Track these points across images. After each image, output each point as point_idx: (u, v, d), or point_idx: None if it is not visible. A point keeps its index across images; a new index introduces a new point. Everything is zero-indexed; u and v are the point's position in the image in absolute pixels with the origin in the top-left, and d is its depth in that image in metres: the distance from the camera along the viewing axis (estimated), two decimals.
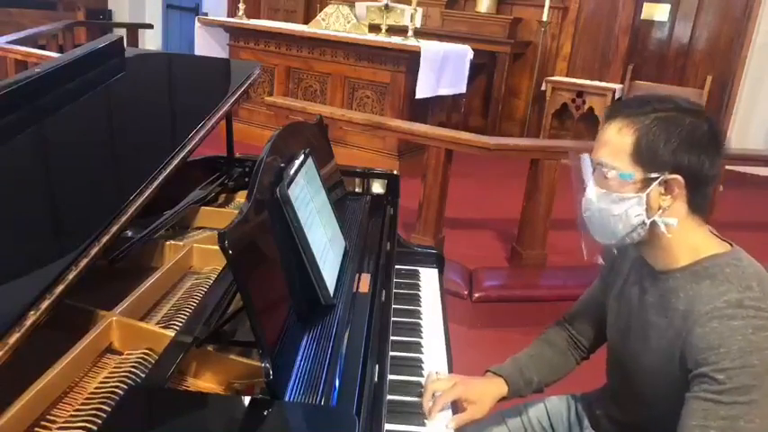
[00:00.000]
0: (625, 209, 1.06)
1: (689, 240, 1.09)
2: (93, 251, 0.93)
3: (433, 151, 3.17)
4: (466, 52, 4.85)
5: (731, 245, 1.11)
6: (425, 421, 1.19)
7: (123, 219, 1.03)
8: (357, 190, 1.83)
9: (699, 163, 1.02)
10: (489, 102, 6.11)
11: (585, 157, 1.13)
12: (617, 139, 1.06)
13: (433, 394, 1.22)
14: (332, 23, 5.07)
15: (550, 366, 1.37)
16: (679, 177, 1.03)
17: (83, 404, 0.86)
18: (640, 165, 1.04)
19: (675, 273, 1.10)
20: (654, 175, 1.03)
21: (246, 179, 1.73)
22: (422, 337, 1.46)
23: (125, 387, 0.89)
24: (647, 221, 1.06)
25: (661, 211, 1.05)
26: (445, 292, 1.72)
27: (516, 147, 3.36)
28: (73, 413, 0.85)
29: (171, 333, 0.99)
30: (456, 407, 1.24)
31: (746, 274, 1.04)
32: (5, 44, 4.77)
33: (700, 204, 1.07)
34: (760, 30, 5.29)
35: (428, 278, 1.76)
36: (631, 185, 1.05)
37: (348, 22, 5.01)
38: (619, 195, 1.06)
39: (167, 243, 1.33)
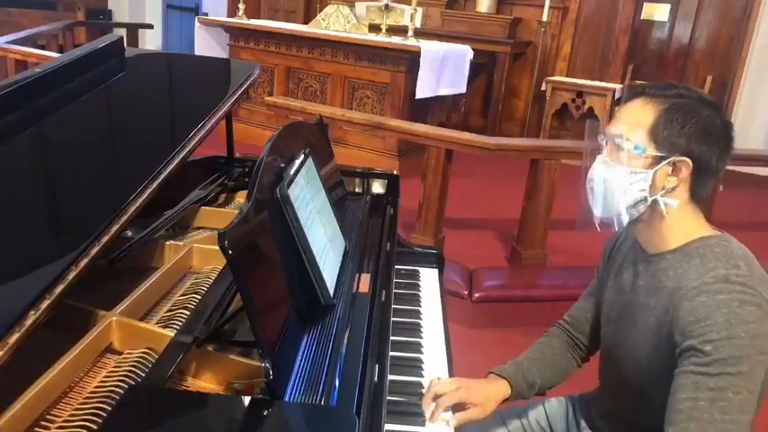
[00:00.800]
0: (630, 182, 1.09)
1: (683, 225, 1.12)
2: (93, 251, 0.93)
3: (433, 151, 3.17)
4: (466, 52, 4.85)
5: (722, 232, 1.14)
6: (425, 420, 1.19)
7: (123, 219, 1.03)
8: (357, 190, 1.83)
9: (709, 153, 1.06)
10: (489, 102, 6.11)
11: (600, 127, 1.17)
12: (639, 114, 1.10)
13: (435, 397, 1.22)
14: (332, 23, 5.07)
15: (552, 368, 1.38)
16: (688, 160, 1.06)
17: (82, 404, 0.86)
18: (655, 142, 1.07)
19: (666, 254, 1.13)
20: (665, 153, 1.07)
21: (246, 179, 1.73)
22: (422, 337, 1.46)
23: (125, 387, 0.89)
24: (650, 199, 1.09)
25: (664, 190, 1.08)
26: (445, 292, 1.72)
27: (516, 147, 3.36)
28: (72, 413, 0.85)
29: (171, 333, 0.99)
30: (457, 408, 1.23)
31: (735, 254, 1.07)
32: (5, 44, 4.77)
33: (700, 194, 1.11)
34: (760, 30, 5.29)
35: (428, 278, 1.76)
36: (642, 160, 1.08)
37: (348, 22, 5.01)
38: (627, 168, 1.09)
39: (167, 243, 1.33)
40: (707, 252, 1.08)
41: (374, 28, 4.95)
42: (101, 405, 0.85)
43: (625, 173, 1.09)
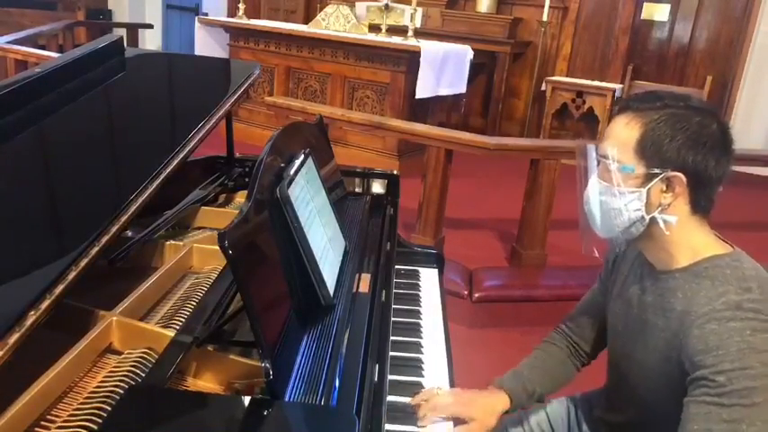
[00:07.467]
0: (624, 203, 1.06)
1: (689, 241, 1.08)
2: (94, 251, 0.93)
3: (433, 151, 3.17)
4: (466, 52, 4.85)
5: (732, 247, 1.10)
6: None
7: (123, 219, 1.03)
8: (357, 190, 1.82)
9: (703, 162, 1.02)
10: (489, 102, 6.11)
11: (591, 149, 1.13)
12: (623, 132, 1.06)
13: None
14: (332, 23, 5.07)
15: (551, 376, 1.36)
16: (681, 175, 1.02)
17: (82, 404, 0.86)
18: (643, 159, 1.04)
19: (675, 273, 1.09)
20: (656, 170, 1.03)
21: (246, 179, 1.73)
22: (422, 337, 1.46)
23: (125, 387, 0.89)
24: (647, 217, 1.06)
25: (660, 208, 1.05)
26: (445, 292, 1.72)
27: (516, 147, 3.36)
28: (72, 413, 0.85)
29: (171, 333, 0.99)
30: (457, 421, 1.21)
31: (746, 275, 1.03)
32: (5, 44, 4.77)
33: (703, 205, 1.06)
34: (760, 30, 5.29)
35: (428, 278, 1.76)
36: (633, 179, 1.05)
37: (348, 22, 5.01)
38: (619, 189, 1.06)
39: (167, 243, 1.33)
40: (717, 274, 1.04)
41: (374, 28, 4.95)
42: (101, 405, 0.85)
43: (618, 193, 1.06)
